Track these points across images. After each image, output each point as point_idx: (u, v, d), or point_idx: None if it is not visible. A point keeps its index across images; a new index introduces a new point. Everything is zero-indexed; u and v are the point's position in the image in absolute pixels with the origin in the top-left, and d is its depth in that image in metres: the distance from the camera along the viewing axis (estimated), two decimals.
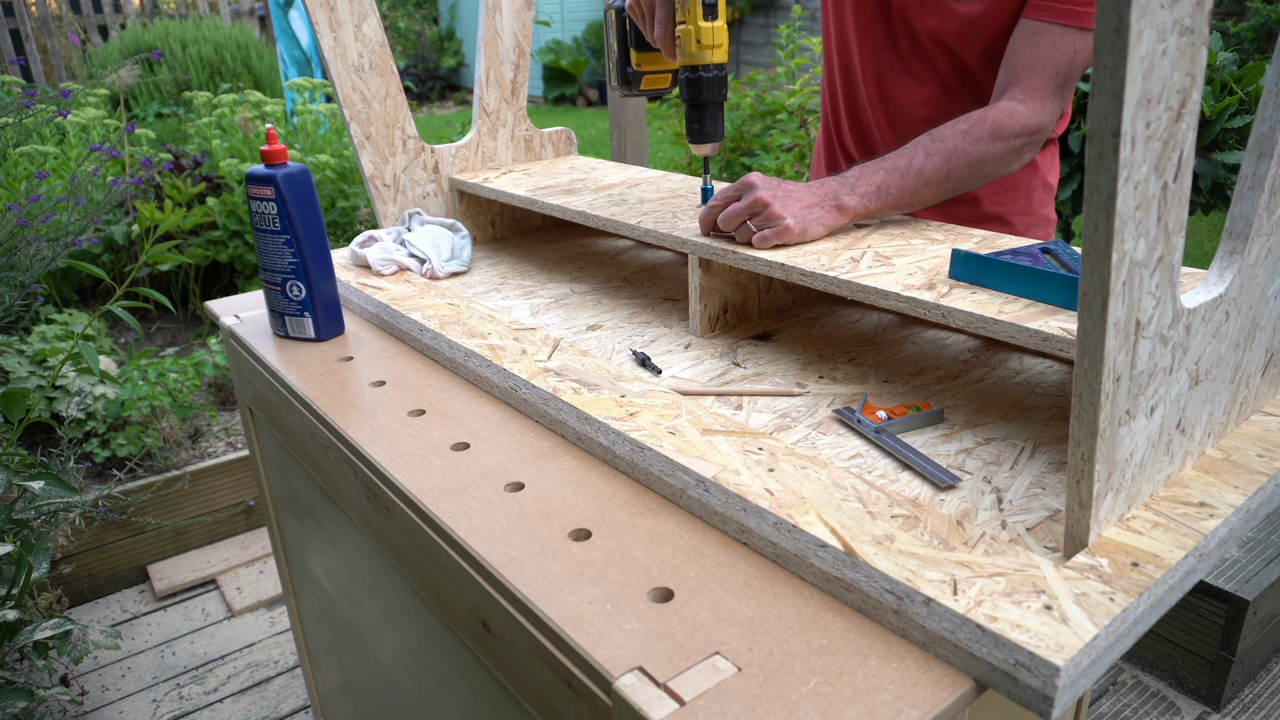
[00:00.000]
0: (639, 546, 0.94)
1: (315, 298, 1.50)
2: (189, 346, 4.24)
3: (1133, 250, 0.70)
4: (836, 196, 1.37)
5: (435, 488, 1.07)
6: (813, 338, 1.42)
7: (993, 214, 1.73)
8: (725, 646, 0.80)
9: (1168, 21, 0.65)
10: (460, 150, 1.96)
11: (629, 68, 1.62)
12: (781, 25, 5.60)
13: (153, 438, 3.19)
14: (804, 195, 1.37)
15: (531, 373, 1.24)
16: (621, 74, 1.63)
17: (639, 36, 1.58)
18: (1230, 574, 2.28)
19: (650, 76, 1.63)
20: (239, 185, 4.38)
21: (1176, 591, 0.82)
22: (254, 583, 3.00)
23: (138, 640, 2.79)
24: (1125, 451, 0.81)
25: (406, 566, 1.14)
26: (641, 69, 1.61)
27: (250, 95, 4.96)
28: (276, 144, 1.44)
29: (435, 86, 13.91)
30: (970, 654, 0.75)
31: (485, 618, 0.95)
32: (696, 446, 1.03)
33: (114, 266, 4.39)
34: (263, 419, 1.61)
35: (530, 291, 1.68)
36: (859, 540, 0.85)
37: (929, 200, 1.43)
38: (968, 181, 1.44)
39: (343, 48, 1.72)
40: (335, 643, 1.69)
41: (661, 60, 1.62)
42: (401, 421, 1.24)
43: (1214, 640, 2.28)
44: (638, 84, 1.63)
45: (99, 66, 8.06)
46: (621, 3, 1.58)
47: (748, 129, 5.41)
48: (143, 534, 3.00)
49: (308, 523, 1.58)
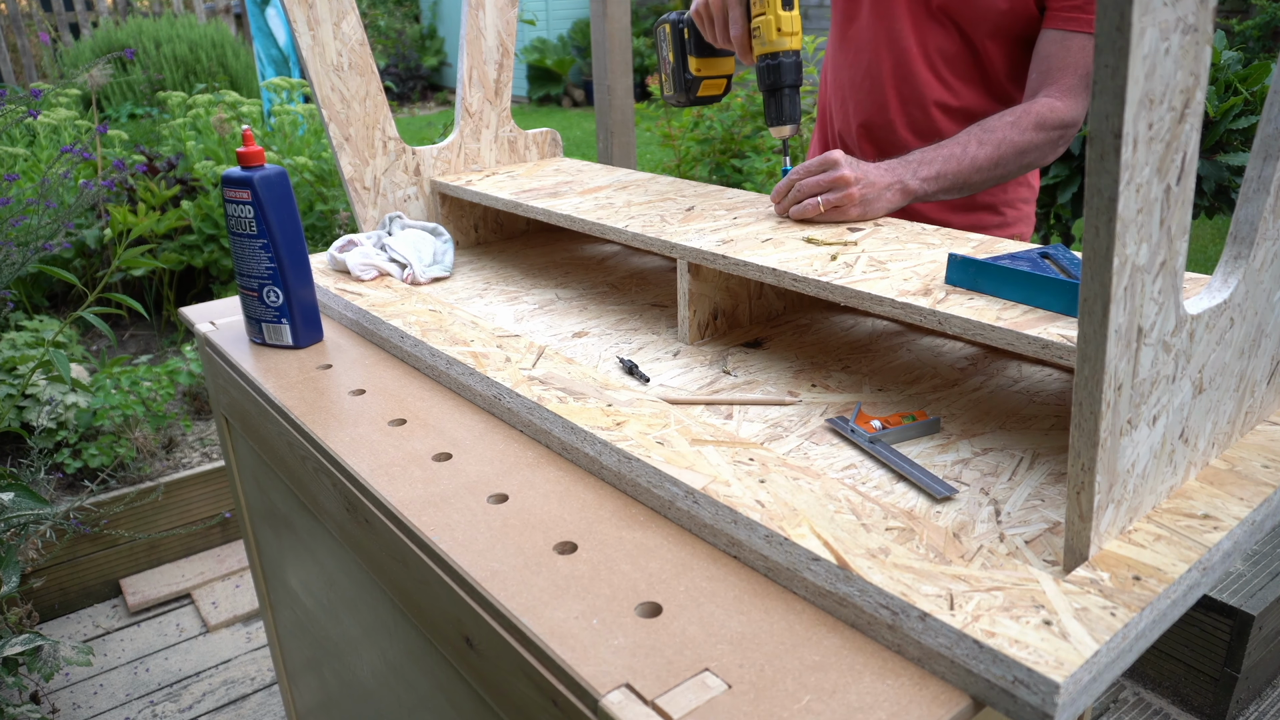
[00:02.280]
0: (626, 560, 0.94)
1: (293, 304, 1.49)
2: (163, 354, 4.23)
3: (1135, 255, 0.70)
4: (903, 180, 1.53)
5: (416, 499, 1.06)
6: (805, 345, 1.42)
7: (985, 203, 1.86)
8: (715, 663, 0.79)
9: (1170, 19, 0.65)
10: (442, 152, 1.96)
11: (687, 74, 1.72)
12: None
13: (126, 448, 3.17)
14: (878, 178, 1.51)
15: (515, 381, 1.24)
16: (680, 81, 1.74)
17: (699, 43, 1.69)
18: (1235, 588, 2.28)
19: (709, 82, 1.74)
20: (214, 188, 4.37)
21: (1180, 606, 0.82)
22: (230, 597, 2.99)
23: (110, 656, 2.78)
24: (1127, 462, 0.81)
25: (387, 580, 1.13)
26: (701, 74, 1.72)
27: (226, 95, 4.95)
28: (253, 145, 1.44)
29: (416, 86, 13.90)
30: (967, 670, 0.74)
31: (468, 633, 0.95)
32: (685, 457, 1.03)
33: (86, 272, 4.38)
34: (239, 429, 1.61)
35: (514, 297, 1.67)
36: (853, 553, 0.85)
37: (977, 186, 1.61)
38: (1012, 169, 1.62)
39: (321, 46, 1.71)
40: (314, 659, 1.68)
41: (720, 65, 1.74)
42: (382, 431, 1.23)
43: (1218, 656, 2.28)
44: (696, 90, 1.73)
45: (70, 66, 8.04)
46: (677, 16, 1.71)
47: (738, 130, 5.42)
48: (115, 547, 2.99)
49: (285, 535, 1.57)
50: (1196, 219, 3.46)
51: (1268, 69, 3.29)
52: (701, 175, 5.59)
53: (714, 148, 5.56)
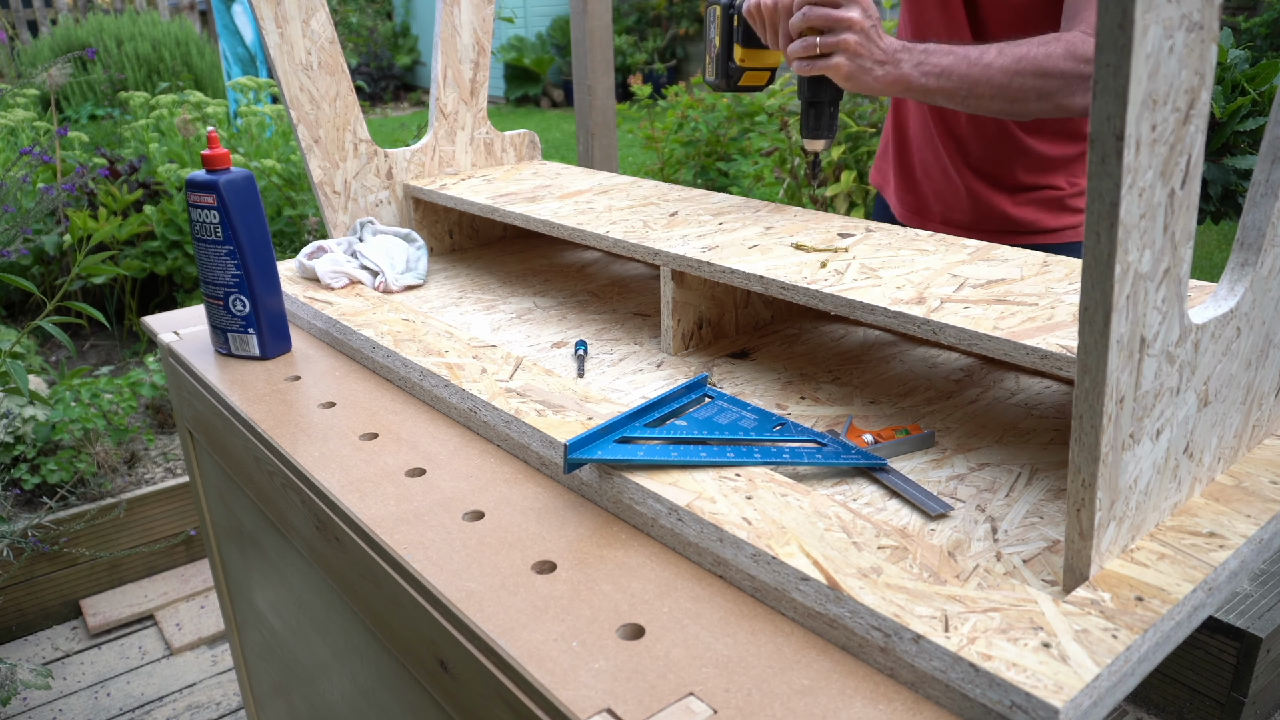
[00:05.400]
0: (607, 580, 0.93)
1: (260, 313, 1.49)
2: (125, 365, 4.22)
3: (1137, 262, 0.70)
4: (900, 66, 1.48)
5: (389, 517, 1.06)
6: (794, 356, 1.42)
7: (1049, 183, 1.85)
8: (700, 687, 0.79)
9: (1175, 16, 0.65)
10: (416, 155, 1.95)
11: (730, 62, 1.69)
12: None
13: (86, 463, 3.16)
14: (882, 46, 1.47)
15: (492, 393, 1.23)
16: (722, 68, 1.70)
17: (747, 32, 1.65)
18: (1242, 609, 2.28)
19: (751, 73, 1.71)
20: (178, 192, 4.36)
21: (1184, 628, 0.81)
22: (195, 619, 2.98)
23: (70, 680, 2.76)
24: (1129, 478, 0.81)
25: (358, 601, 1.12)
26: (745, 64, 1.68)
27: (190, 95, 4.95)
28: (218, 148, 1.43)
29: (389, 86, 13.91)
30: (963, 695, 0.74)
31: (442, 656, 0.94)
32: (669, 472, 1.02)
33: (44, 279, 4.36)
34: (204, 443, 1.60)
35: (491, 306, 1.67)
36: (843, 573, 0.85)
37: (986, 102, 1.52)
38: (1029, 94, 1.50)
39: (289, 44, 1.71)
40: (282, 683, 1.67)
41: (765, 57, 1.70)
42: (352, 446, 1.23)
43: (1224, 680, 2.28)
44: (737, 79, 1.70)
45: (28, 65, 8.01)
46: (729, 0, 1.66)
47: (724, 132, 5.43)
48: (75, 566, 2.97)
49: (252, 554, 1.56)
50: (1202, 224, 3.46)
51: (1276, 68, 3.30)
52: (686, 179, 5.60)
53: (699, 150, 5.58)
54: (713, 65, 1.73)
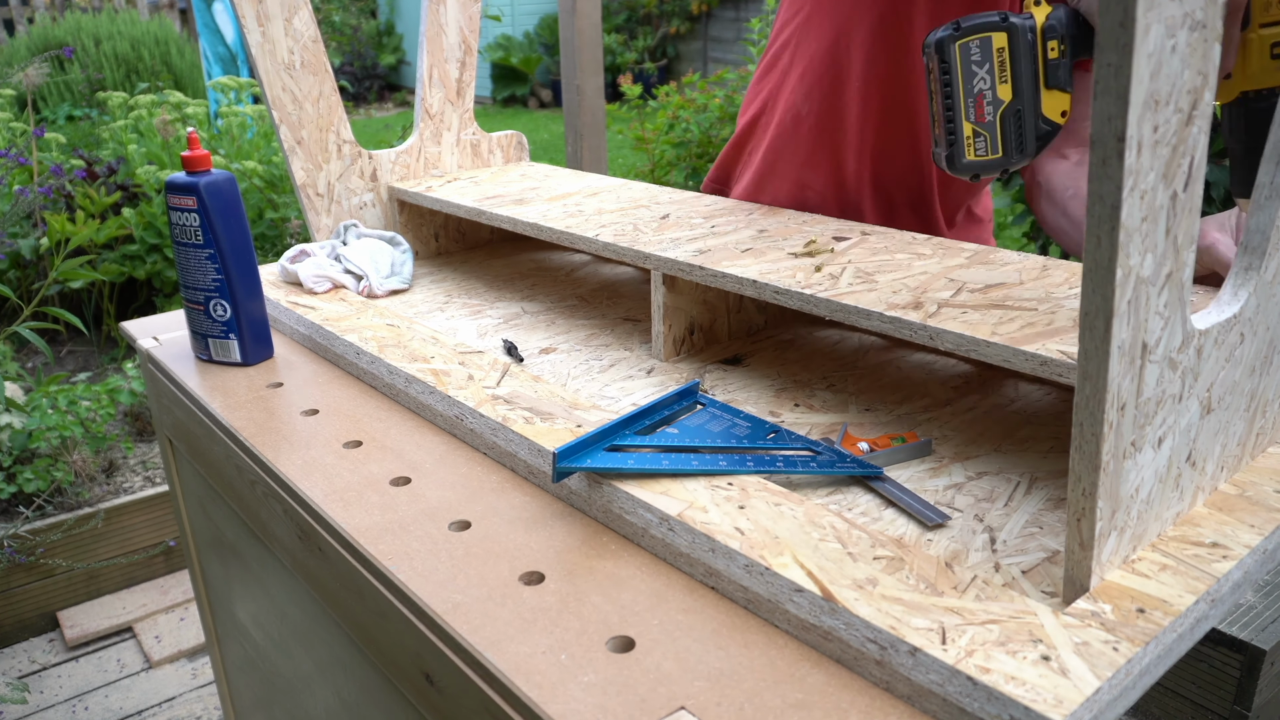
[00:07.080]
0: (597, 591, 0.93)
1: (241, 318, 1.48)
2: (103, 371, 4.21)
3: (1139, 266, 0.70)
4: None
5: (373, 527, 1.05)
6: (787, 362, 1.42)
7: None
8: (691, 701, 0.78)
9: (1177, 15, 0.65)
10: (401, 156, 1.95)
11: (1042, 119, 1.11)
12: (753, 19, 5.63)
13: (63, 472, 3.15)
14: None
15: (479, 400, 1.23)
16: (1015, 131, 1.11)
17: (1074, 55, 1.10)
18: (1245, 621, 2.29)
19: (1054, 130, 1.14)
20: (158, 195, 4.35)
21: (1186, 640, 0.81)
22: (174, 631, 2.97)
23: (47, 694, 2.75)
24: (1130, 487, 0.81)
25: (342, 613, 1.12)
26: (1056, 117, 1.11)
27: (170, 96, 4.93)
28: (199, 149, 1.43)
29: (373, 86, 13.91)
30: (960, 709, 0.74)
31: (428, 669, 0.94)
32: (660, 481, 1.02)
33: (21, 284, 4.35)
34: (184, 451, 1.59)
35: (478, 311, 1.67)
36: (838, 584, 0.84)
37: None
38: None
39: (271, 44, 1.71)
40: (264, 697, 1.67)
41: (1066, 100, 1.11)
42: (336, 454, 1.22)
43: (1227, 694, 2.29)
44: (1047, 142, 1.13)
45: (4, 64, 7.99)
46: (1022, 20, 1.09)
47: (716, 133, 5.43)
48: (52, 577, 2.96)
49: (233, 565, 1.56)
50: None
51: None
52: (677, 181, 5.61)
53: (690, 151, 5.58)
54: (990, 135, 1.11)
